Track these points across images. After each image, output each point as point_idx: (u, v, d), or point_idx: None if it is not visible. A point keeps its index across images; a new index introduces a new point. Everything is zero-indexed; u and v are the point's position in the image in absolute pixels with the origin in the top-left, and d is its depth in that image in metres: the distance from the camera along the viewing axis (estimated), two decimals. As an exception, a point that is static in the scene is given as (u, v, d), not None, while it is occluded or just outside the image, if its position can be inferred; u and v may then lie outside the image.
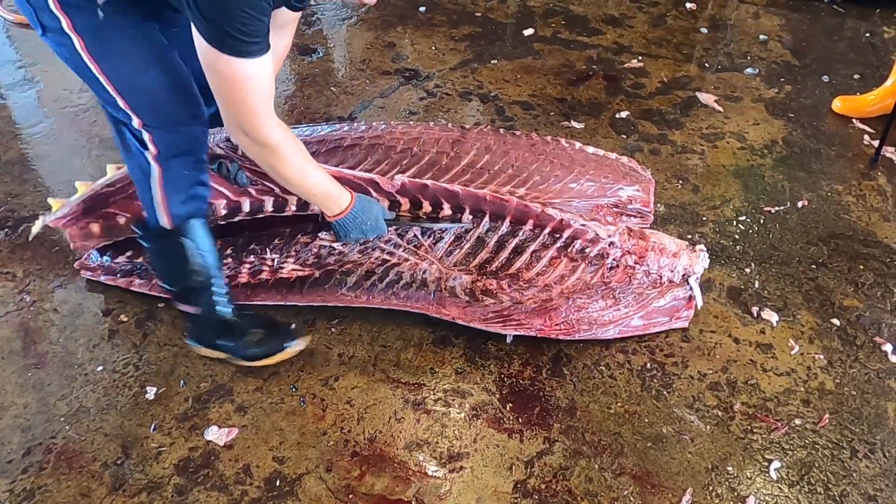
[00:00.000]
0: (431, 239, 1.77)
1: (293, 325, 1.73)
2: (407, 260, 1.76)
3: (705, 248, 1.93)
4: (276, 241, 1.80)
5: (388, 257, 1.77)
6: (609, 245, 1.83)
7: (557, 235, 1.86)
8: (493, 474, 1.55)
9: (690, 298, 1.86)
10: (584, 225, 1.82)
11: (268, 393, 1.70)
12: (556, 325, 1.77)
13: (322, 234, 1.77)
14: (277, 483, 1.52)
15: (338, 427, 1.63)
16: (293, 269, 1.78)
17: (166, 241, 1.64)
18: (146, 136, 1.52)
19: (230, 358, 1.70)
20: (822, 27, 3.26)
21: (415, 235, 1.77)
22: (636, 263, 1.83)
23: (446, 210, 1.85)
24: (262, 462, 1.56)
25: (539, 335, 1.76)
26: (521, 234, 1.79)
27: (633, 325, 1.82)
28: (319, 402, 1.69)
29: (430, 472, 1.55)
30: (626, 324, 1.81)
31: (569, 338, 1.77)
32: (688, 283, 1.85)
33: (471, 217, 1.88)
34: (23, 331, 1.83)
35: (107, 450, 1.58)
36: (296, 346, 1.70)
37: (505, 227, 1.84)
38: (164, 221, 1.61)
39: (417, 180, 1.83)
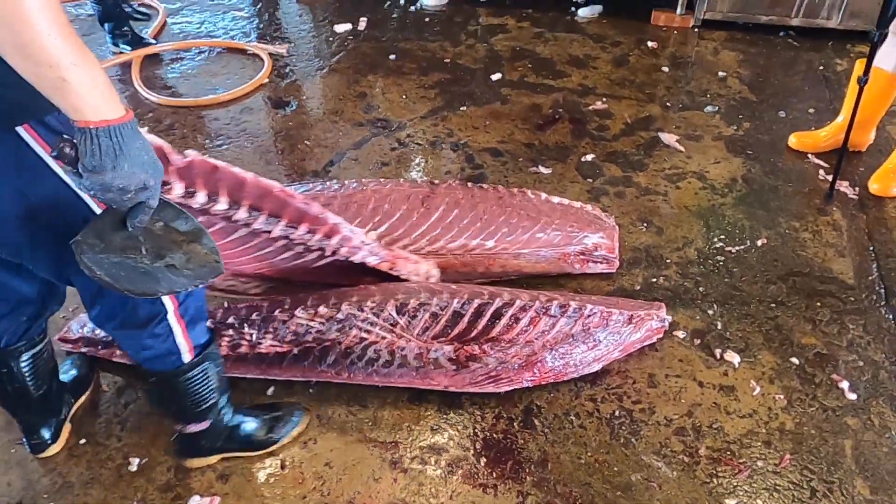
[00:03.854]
0: (406, 316, 1.83)
1: (292, 406, 1.80)
2: (384, 338, 1.82)
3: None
4: (253, 315, 1.85)
5: (365, 335, 1.82)
6: (362, 244, 1.88)
7: (533, 298, 1.92)
8: (468, 531, 1.60)
9: (662, 326, 1.99)
10: (350, 231, 1.83)
11: (248, 458, 1.75)
12: (545, 374, 1.84)
13: (298, 313, 1.83)
14: (259, 551, 1.57)
15: (317, 490, 1.68)
16: (271, 345, 1.83)
17: (191, 373, 1.52)
18: None
19: (238, 454, 1.74)
20: (778, 61, 3.39)
21: (390, 314, 1.83)
22: (393, 269, 1.97)
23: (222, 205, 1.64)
24: (244, 530, 1.61)
25: (532, 385, 1.84)
26: (496, 301, 1.85)
27: (613, 357, 1.92)
28: (298, 465, 1.73)
29: (407, 533, 1.60)
30: (607, 359, 1.91)
31: (556, 380, 1.86)
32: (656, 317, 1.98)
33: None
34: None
35: (91, 525, 1.62)
36: (301, 424, 1.78)
37: (457, 302, 1.87)
38: (187, 356, 1.50)
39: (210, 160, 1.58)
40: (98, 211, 1.22)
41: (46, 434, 1.73)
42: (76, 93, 0.94)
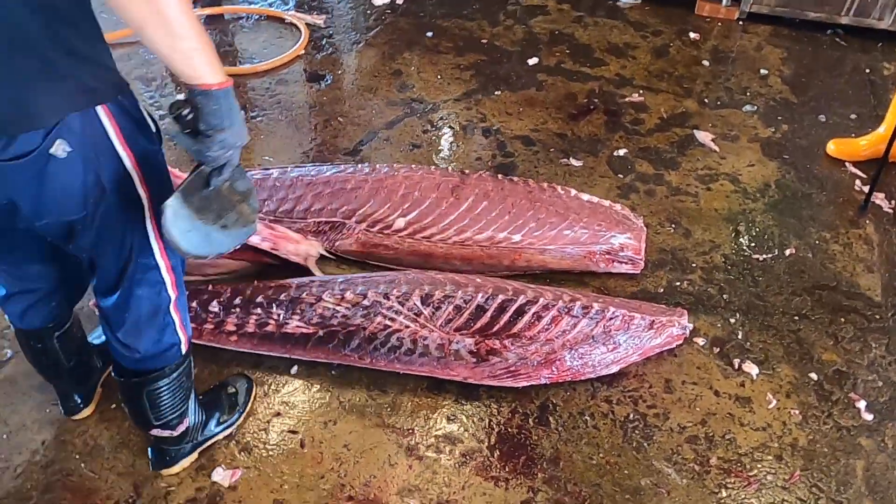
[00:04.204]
0: (431, 307, 1.86)
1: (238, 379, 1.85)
2: (408, 327, 1.85)
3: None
4: (282, 296, 1.90)
5: (389, 323, 1.86)
6: None
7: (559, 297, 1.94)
8: (478, 522, 1.65)
9: (683, 333, 2.00)
10: None
11: (270, 434, 1.81)
12: (563, 372, 1.87)
13: (325, 297, 1.86)
14: (277, 526, 1.64)
15: (335, 471, 1.74)
16: (297, 326, 1.88)
17: (184, 365, 1.56)
18: (165, 264, 1.39)
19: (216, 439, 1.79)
20: (823, 61, 3.30)
21: (415, 304, 1.86)
22: (273, 249, 2.01)
23: None
24: (263, 504, 1.68)
25: (550, 382, 1.87)
26: (520, 297, 1.88)
27: (631, 360, 1.94)
28: (318, 444, 1.79)
29: (419, 519, 1.65)
30: (625, 361, 1.93)
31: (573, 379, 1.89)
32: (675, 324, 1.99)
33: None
34: (41, 366, 1.94)
35: (119, 488, 1.69)
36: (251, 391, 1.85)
37: (504, 295, 1.91)
38: (185, 347, 1.54)
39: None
40: (142, 193, 1.27)
41: (79, 398, 1.80)
42: (203, 59, 1.09)
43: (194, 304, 1.96)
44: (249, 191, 1.31)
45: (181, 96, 2.93)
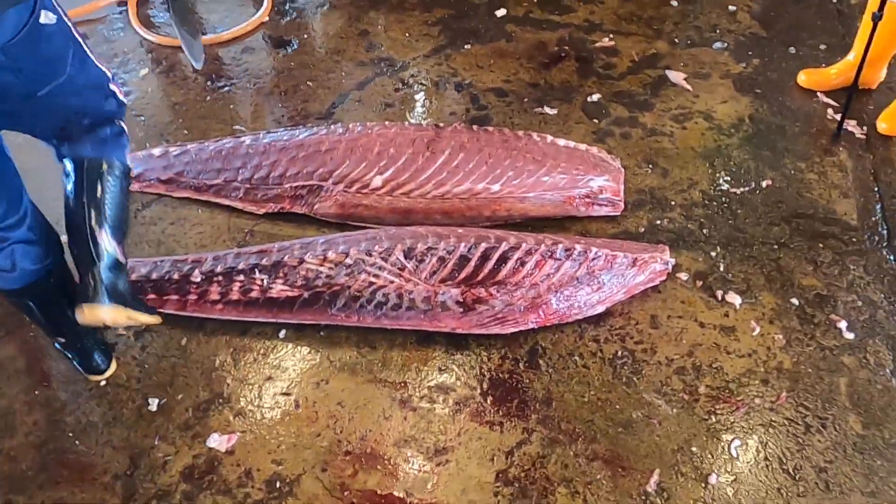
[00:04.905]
0: (414, 261, 1.86)
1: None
2: (392, 282, 1.85)
3: None
4: (264, 261, 1.88)
5: (373, 280, 1.85)
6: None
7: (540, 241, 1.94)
8: (476, 466, 1.68)
9: (665, 268, 2.02)
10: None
11: (263, 398, 1.82)
12: (550, 315, 1.89)
13: (308, 258, 1.85)
14: (277, 484, 1.65)
15: (330, 428, 1.75)
16: (282, 290, 1.87)
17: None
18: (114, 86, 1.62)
19: None
20: (790, -7, 3.28)
21: (397, 259, 1.85)
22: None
23: None
24: (261, 465, 1.69)
25: (537, 326, 1.88)
26: (502, 244, 1.88)
27: (617, 299, 1.96)
28: (312, 404, 1.80)
29: (418, 467, 1.67)
30: (610, 301, 1.95)
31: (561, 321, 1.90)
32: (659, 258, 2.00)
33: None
34: (27, 349, 1.92)
35: (116, 462, 1.70)
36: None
37: (486, 244, 1.92)
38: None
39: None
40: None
41: (99, 358, 1.81)
42: None
43: (176, 277, 1.95)
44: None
45: (144, 71, 2.87)
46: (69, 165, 1.59)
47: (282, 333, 1.94)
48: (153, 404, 1.80)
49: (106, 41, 3.01)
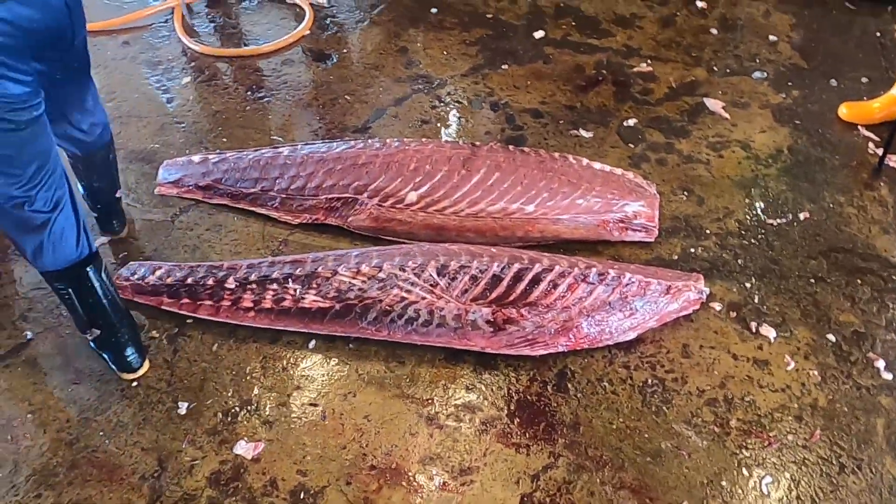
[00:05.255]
0: (446, 278, 1.86)
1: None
2: (424, 298, 1.86)
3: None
4: (297, 271, 1.90)
5: (405, 295, 1.86)
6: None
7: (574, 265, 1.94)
8: (501, 488, 1.66)
9: (699, 297, 1.99)
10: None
11: (291, 407, 1.82)
12: (580, 339, 1.88)
13: (341, 270, 1.87)
14: (301, 496, 1.65)
15: (356, 441, 1.75)
16: (314, 301, 1.88)
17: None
18: None
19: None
20: (831, 25, 3.26)
21: (430, 275, 1.86)
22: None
23: None
24: (287, 475, 1.69)
25: (567, 349, 1.87)
26: (536, 266, 1.88)
27: (649, 326, 1.94)
28: (338, 416, 1.80)
29: (442, 486, 1.67)
30: (642, 327, 1.93)
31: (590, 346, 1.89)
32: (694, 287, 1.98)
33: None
34: (62, 347, 1.95)
35: (144, 463, 1.71)
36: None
37: (520, 264, 1.92)
38: None
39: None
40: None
41: (132, 356, 1.85)
42: None
43: (211, 282, 1.97)
44: None
45: (187, 79, 2.92)
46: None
47: (311, 344, 1.95)
48: (182, 408, 1.81)
49: (151, 48, 3.08)
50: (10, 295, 2.08)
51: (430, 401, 1.83)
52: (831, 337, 1.96)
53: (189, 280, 1.99)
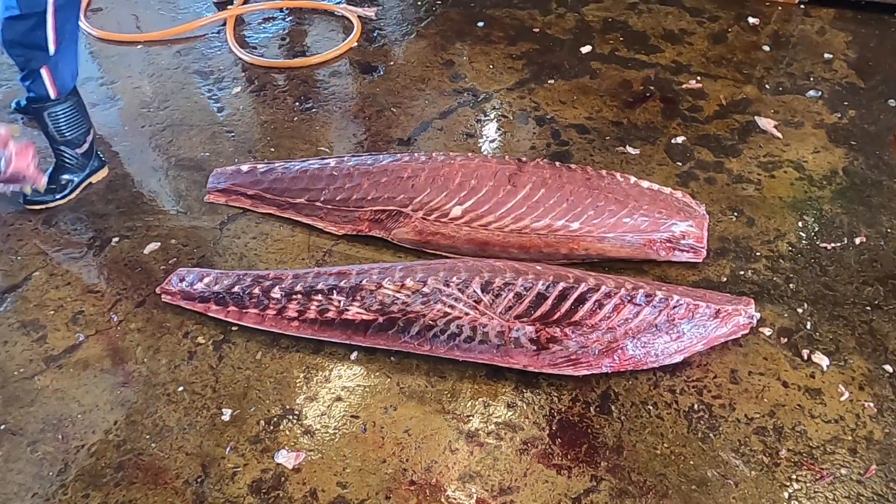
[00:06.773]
0: (491, 294, 1.86)
1: None
2: (467, 314, 1.85)
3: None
4: (342, 283, 1.92)
5: (449, 310, 1.86)
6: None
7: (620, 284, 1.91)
8: (541, 510, 1.64)
9: (749, 322, 1.94)
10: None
11: (332, 418, 1.83)
12: (625, 361, 1.85)
13: (385, 284, 1.88)
14: (341, 508, 1.65)
15: (396, 455, 1.75)
16: (358, 313, 1.89)
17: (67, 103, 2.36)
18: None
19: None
20: (891, 44, 3.17)
21: (474, 291, 1.85)
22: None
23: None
24: (327, 486, 1.69)
25: (611, 371, 1.84)
26: (581, 285, 1.85)
27: (696, 350, 1.90)
28: (379, 429, 1.80)
29: (482, 505, 1.65)
30: (689, 351, 1.89)
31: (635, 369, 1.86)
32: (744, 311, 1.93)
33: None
34: (112, 349, 2.00)
35: (188, 468, 1.73)
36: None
37: (565, 283, 1.90)
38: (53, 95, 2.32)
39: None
40: None
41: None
42: None
43: (257, 291, 2.00)
44: None
45: (237, 89, 2.98)
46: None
47: (354, 355, 1.96)
48: (226, 414, 1.84)
49: (203, 58, 3.16)
50: (65, 297, 2.14)
51: (470, 417, 1.82)
52: (888, 368, 1.89)
53: (236, 288, 2.02)
